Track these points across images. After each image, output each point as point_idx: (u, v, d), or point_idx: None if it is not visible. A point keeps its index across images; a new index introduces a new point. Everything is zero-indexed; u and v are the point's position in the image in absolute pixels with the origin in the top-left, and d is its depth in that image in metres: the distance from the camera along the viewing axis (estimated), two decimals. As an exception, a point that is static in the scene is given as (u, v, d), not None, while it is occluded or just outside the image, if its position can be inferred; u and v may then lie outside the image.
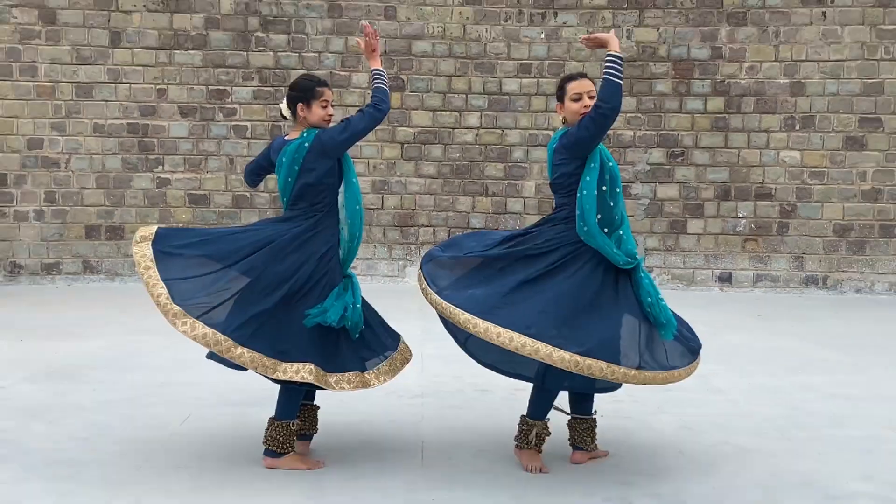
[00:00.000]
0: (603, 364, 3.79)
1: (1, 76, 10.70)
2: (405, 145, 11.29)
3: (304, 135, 4.32)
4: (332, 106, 4.46)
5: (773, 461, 4.54)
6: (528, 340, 3.77)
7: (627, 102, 11.22)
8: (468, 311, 3.91)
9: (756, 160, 11.11)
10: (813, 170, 11.03)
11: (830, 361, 7.04)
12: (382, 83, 4.43)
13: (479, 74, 11.30)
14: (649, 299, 4.04)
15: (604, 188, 4.06)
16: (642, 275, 4.11)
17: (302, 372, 4.01)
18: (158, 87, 11.01)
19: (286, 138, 4.45)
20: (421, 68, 11.27)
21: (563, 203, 4.19)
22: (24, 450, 4.54)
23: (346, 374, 4.21)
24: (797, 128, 11.05)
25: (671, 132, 11.21)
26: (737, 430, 5.07)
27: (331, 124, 4.43)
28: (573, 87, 4.21)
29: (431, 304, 4.09)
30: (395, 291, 10.63)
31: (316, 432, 4.56)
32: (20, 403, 5.43)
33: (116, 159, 10.99)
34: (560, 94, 4.29)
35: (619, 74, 4.05)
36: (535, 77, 11.22)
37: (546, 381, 4.28)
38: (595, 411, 4.51)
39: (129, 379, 6.06)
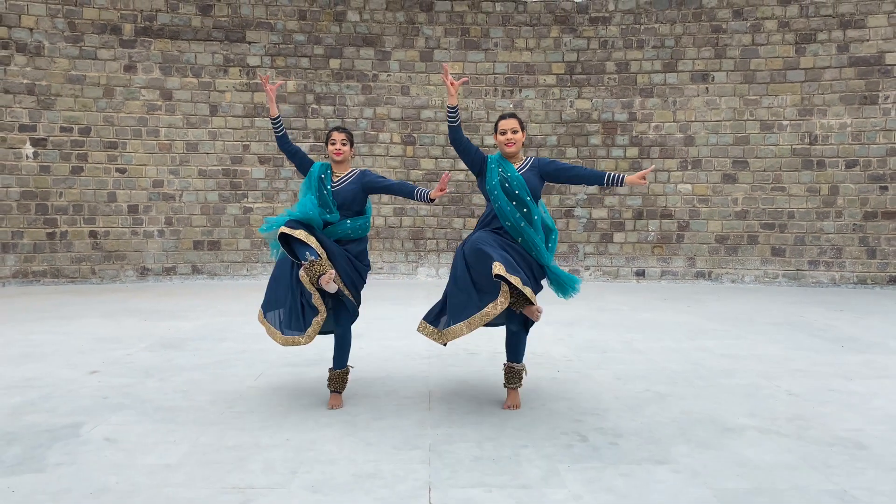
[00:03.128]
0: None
1: (133, 137, 10.46)
2: (416, 182, 11.05)
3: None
4: (344, 144, 4.12)
5: (683, 403, 4.26)
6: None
7: (570, 152, 11.01)
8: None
9: (661, 191, 10.87)
10: (700, 197, 10.79)
11: (717, 331, 6.76)
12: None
13: (467, 133, 11.07)
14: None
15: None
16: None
17: None
18: (244, 143, 10.77)
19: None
20: (427, 128, 11.05)
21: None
22: (139, 399, 4.27)
23: None
24: (689, 168, 10.81)
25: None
26: (655, 381, 4.79)
27: (339, 157, 4.11)
28: (501, 125, 4.03)
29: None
30: (409, 284, 10.44)
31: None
32: (140, 366, 5.15)
33: (215, 194, 10.73)
34: (495, 128, 4.09)
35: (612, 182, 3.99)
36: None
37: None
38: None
39: (219, 347, 5.78)
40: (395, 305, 8.11)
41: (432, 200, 4.04)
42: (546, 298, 4.33)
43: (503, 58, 11.04)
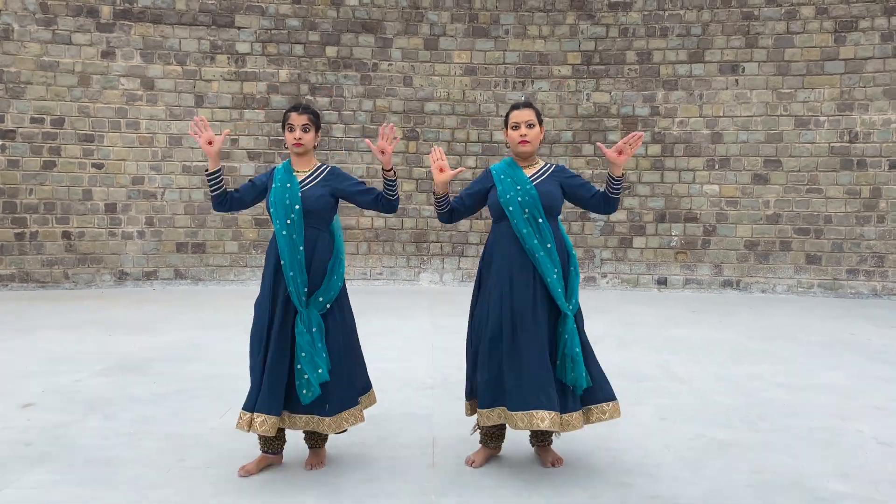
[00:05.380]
0: None
1: (111, 129, 9.61)
2: (419, 181, 10.21)
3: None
4: (306, 130, 3.06)
5: (752, 456, 3.40)
6: None
7: (587, 148, 10.15)
8: None
9: (685, 192, 10.00)
10: (728, 199, 9.92)
11: (763, 352, 5.88)
12: (394, 192, 3.08)
13: (474, 128, 10.22)
14: None
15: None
16: None
17: None
18: (232, 137, 9.92)
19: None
20: (431, 123, 10.20)
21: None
22: (71, 447, 3.42)
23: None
24: (716, 167, 9.94)
25: (620, 171, 10.09)
26: (709, 423, 3.92)
27: (298, 148, 3.07)
28: (513, 117, 3.14)
29: None
30: (411, 291, 9.58)
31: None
32: (86, 396, 4.29)
33: (199, 192, 9.87)
34: (505, 121, 3.19)
35: (618, 193, 3.13)
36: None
37: None
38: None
39: (185, 371, 4.91)
40: (394, 318, 7.24)
41: (389, 171, 3.01)
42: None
43: (514, 46, 10.17)
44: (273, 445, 3.08)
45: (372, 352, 5.41)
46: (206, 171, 3.10)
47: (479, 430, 3.22)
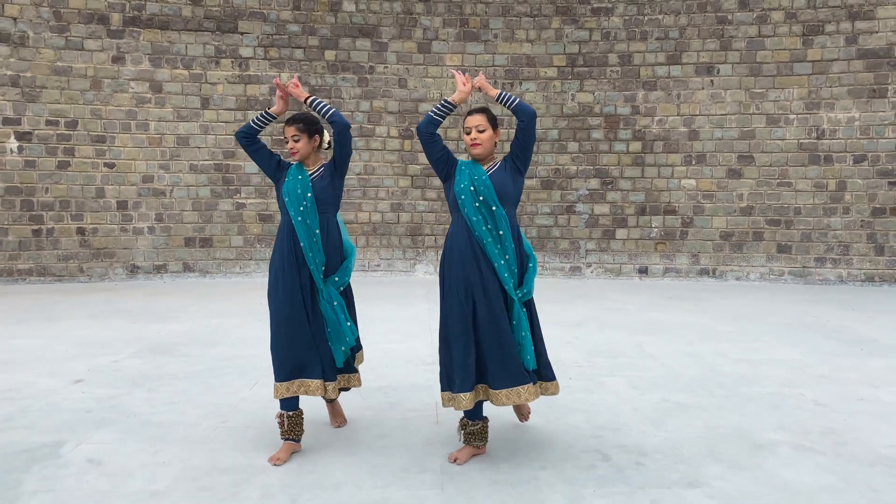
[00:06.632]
0: None
1: (122, 130, 10.11)
2: (414, 177, 10.76)
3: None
4: (297, 140, 3.39)
5: (706, 415, 4.00)
6: None
7: (572, 146, 10.73)
8: None
9: (664, 186, 10.61)
10: (705, 193, 10.53)
11: (730, 333, 6.50)
12: (327, 106, 3.40)
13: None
14: None
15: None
16: None
17: None
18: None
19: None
20: (424, 122, 10.72)
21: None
22: (126, 413, 3.98)
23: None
24: (693, 163, 10.55)
25: (603, 167, 10.69)
26: (673, 390, 4.53)
27: (295, 157, 3.43)
28: (466, 122, 3.30)
29: None
30: (407, 282, 10.15)
31: None
32: (127, 374, 4.85)
33: (206, 189, 10.40)
34: (463, 126, 3.34)
35: (514, 99, 3.29)
36: (504, 128, 10.66)
37: None
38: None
39: (211, 353, 5.48)
40: (393, 305, 7.82)
41: (305, 102, 3.40)
42: (550, 297, 4.05)
43: (503, 49, 10.73)
44: (296, 433, 3.38)
45: (377, 334, 6.03)
46: (268, 108, 3.57)
47: (463, 430, 3.31)
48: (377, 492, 2.92)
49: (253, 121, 3.51)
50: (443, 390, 3.24)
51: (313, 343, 3.34)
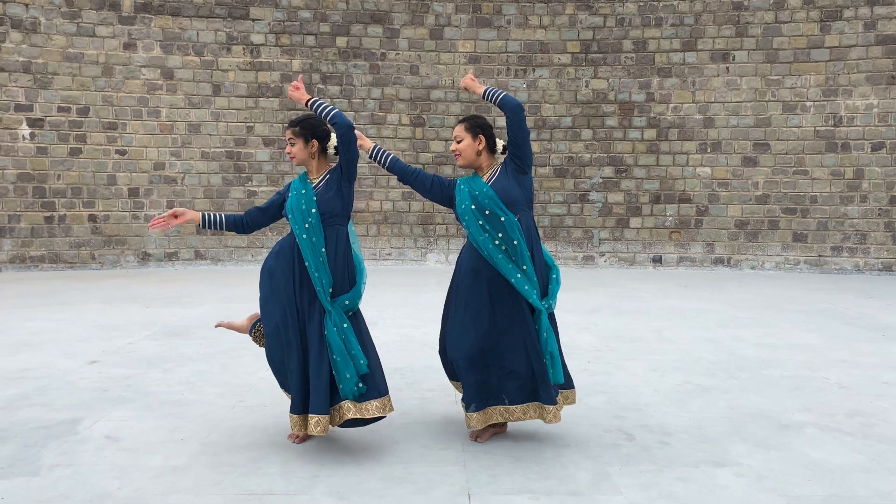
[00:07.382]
0: None
1: (134, 117, 10.10)
2: (425, 165, 10.71)
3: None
4: (293, 143, 3.16)
5: (729, 397, 3.95)
6: None
7: (585, 133, 10.65)
8: None
9: (679, 174, 10.52)
10: (720, 181, 10.44)
11: (748, 319, 6.43)
12: (328, 108, 3.11)
13: (478, 114, 10.69)
14: None
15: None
16: None
17: None
18: (248, 124, 10.42)
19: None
20: (436, 110, 10.69)
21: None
22: (143, 392, 3.96)
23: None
24: (708, 150, 10.46)
25: (618, 154, 10.61)
26: (693, 372, 4.47)
27: (292, 160, 3.19)
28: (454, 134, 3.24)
29: None
30: (419, 270, 10.12)
31: None
32: (142, 355, 4.84)
33: (218, 177, 10.39)
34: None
35: (498, 93, 3.20)
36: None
37: None
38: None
39: (225, 336, 5.43)
40: (407, 293, 7.78)
41: (307, 104, 3.14)
42: (564, 285, 3.99)
43: (516, 35, 10.65)
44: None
45: (393, 319, 5.99)
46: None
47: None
48: (400, 467, 2.88)
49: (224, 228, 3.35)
50: (467, 412, 3.14)
51: (303, 372, 3.03)
